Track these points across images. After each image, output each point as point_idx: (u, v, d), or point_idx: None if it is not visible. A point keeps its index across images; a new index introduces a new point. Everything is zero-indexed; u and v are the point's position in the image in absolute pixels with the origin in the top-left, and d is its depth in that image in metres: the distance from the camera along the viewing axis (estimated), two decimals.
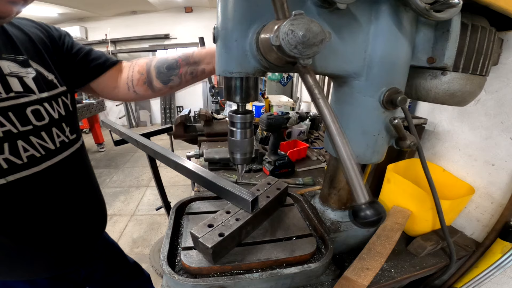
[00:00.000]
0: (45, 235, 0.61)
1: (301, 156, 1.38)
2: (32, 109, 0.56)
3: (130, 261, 1.03)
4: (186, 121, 1.67)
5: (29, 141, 0.55)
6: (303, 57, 0.33)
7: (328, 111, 0.35)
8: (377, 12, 0.47)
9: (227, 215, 0.62)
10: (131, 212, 2.75)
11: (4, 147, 0.51)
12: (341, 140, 0.35)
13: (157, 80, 0.72)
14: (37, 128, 0.57)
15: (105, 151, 4.43)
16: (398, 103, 0.50)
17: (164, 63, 0.71)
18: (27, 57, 0.57)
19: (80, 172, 0.71)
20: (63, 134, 0.63)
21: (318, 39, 0.33)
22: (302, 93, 2.83)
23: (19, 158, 0.53)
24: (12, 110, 0.52)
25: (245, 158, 0.57)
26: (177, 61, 0.70)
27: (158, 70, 0.71)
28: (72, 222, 0.67)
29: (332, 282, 0.63)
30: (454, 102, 0.58)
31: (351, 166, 0.35)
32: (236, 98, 0.48)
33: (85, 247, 0.74)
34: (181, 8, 5.49)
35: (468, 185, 0.81)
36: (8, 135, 0.52)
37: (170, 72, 0.70)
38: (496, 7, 0.48)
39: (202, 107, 4.87)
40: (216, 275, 0.56)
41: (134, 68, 0.74)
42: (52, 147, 0.60)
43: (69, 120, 0.66)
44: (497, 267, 0.75)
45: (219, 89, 2.28)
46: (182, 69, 0.70)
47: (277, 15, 0.35)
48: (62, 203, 0.64)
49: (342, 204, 0.71)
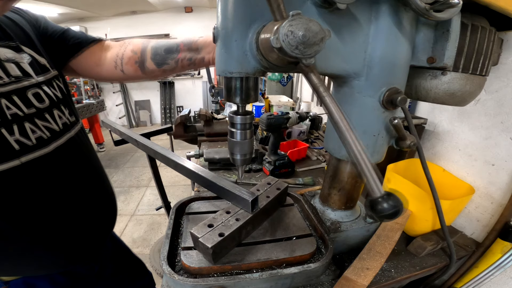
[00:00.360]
0: (59, 223, 0.62)
1: (301, 156, 1.38)
2: (33, 92, 0.57)
3: (136, 259, 1.04)
4: (186, 121, 1.67)
5: (35, 123, 0.56)
6: (305, 57, 0.33)
7: (335, 108, 0.35)
8: (377, 12, 0.47)
9: (227, 215, 0.62)
10: (131, 212, 2.75)
11: (14, 129, 0.52)
12: (351, 136, 0.35)
13: (151, 61, 0.70)
14: (40, 110, 0.58)
15: (105, 151, 4.43)
16: (398, 103, 0.50)
17: (164, 45, 0.70)
18: (18, 43, 0.58)
19: (86, 152, 0.71)
20: (63, 115, 0.64)
21: (318, 37, 0.33)
22: (302, 93, 2.83)
23: (28, 140, 0.54)
24: (16, 94, 0.53)
25: (245, 159, 0.57)
26: (178, 45, 0.68)
27: (154, 51, 0.70)
28: (84, 210, 0.67)
29: (332, 282, 0.63)
30: (454, 102, 0.58)
31: (363, 161, 0.35)
32: (236, 99, 0.48)
33: (97, 239, 0.74)
34: (181, 8, 5.49)
35: (468, 185, 0.81)
36: (16, 118, 0.52)
37: (168, 55, 0.69)
38: (496, 7, 0.48)
39: (202, 107, 4.87)
40: (216, 275, 0.56)
41: (127, 47, 0.73)
42: (57, 128, 0.61)
43: (66, 102, 0.67)
44: (497, 267, 0.75)
45: (219, 89, 2.28)
46: (181, 53, 0.68)
47: (274, 16, 0.35)
48: (74, 186, 0.65)
49: (342, 204, 0.71)
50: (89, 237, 0.70)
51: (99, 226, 0.73)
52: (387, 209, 0.34)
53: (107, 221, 0.78)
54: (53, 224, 0.61)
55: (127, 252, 1.00)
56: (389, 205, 0.34)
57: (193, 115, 2.98)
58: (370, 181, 0.35)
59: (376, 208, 0.35)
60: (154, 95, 6.07)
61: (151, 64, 0.71)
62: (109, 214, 0.78)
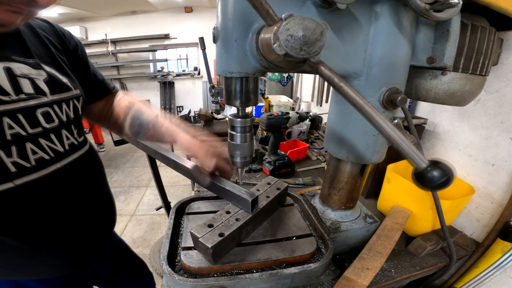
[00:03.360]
0: (55, 236, 0.61)
1: (301, 156, 1.38)
2: (42, 111, 0.56)
3: (136, 258, 1.04)
4: (186, 121, 1.67)
5: (38, 143, 0.55)
6: (311, 55, 0.33)
7: (355, 95, 0.35)
8: (377, 12, 0.47)
9: (227, 215, 0.62)
10: (131, 212, 2.75)
11: (12, 150, 0.51)
12: (379, 116, 0.35)
13: (128, 130, 0.75)
14: (47, 131, 0.57)
15: (105, 151, 4.42)
16: (398, 103, 0.50)
17: (139, 118, 0.73)
18: (38, 60, 0.57)
19: (90, 174, 0.71)
20: (72, 136, 0.64)
21: (318, 33, 0.32)
22: (302, 93, 2.83)
23: (27, 161, 0.53)
24: (22, 112, 0.52)
25: (245, 161, 0.57)
26: (148, 125, 0.72)
27: (132, 123, 0.73)
28: (82, 223, 0.67)
29: (332, 282, 0.63)
30: (454, 102, 0.58)
31: (398, 137, 0.34)
32: (236, 103, 0.48)
33: (95, 246, 0.75)
34: (181, 8, 5.50)
35: (468, 185, 0.81)
36: (17, 138, 0.51)
37: (141, 129, 0.72)
38: (496, 7, 0.48)
39: (202, 107, 4.88)
40: (216, 275, 0.56)
41: (116, 108, 0.77)
42: (61, 149, 0.60)
43: (77, 123, 0.67)
44: (497, 267, 0.75)
45: (219, 89, 2.28)
46: (150, 132, 0.72)
47: (266, 22, 0.35)
48: (71, 205, 0.64)
49: (342, 204, 0.71)
50: (86, 246, 0.71)
51: (96, 236, 0.74)
52: (438, 178, 0.32)
53: (104, 231, 0.78)
54: (50, 237, 0.61)
55: (128, 252, 1.01)
56: (438, 173, 0.32)
57: (193, 115, 2.98)
58: (411, 154, 0.33)
59: (425, 179, 0.33)
60: (154, 95, 6.07)
61: (128, 132, 0.75)
62: (107, 225, 0.79)
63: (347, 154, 0.61)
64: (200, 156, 0.59)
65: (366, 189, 1.03)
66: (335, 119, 0.62)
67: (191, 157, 0.72)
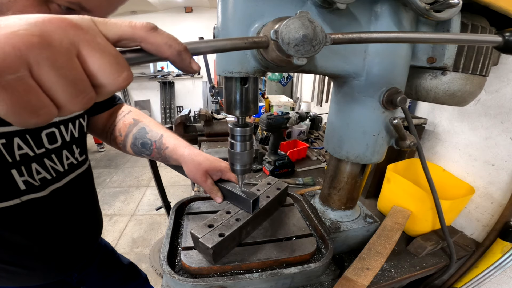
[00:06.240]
0: (45, 248, 0.62)
1: (301, 156, 1.38)
2: (47, 132, 0.57)
3: (124, 262, 1.02)
4: (186, 121, 1.67)
5: (43, 163, 0.56)
6: (325, 42, 0.32)
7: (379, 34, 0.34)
8: (377, 12, 0.47)
9: (227, 215, 0.62)
10: (131, 212, 2.75)
11: (23, 170, 0.52)
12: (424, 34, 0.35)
13: (130, 148, 0.74)
14: (48, 151, 0.57)
15: (105, 151, 4.42)
16: (398, 103, 0.50)
17: (142, 137, 0.72)
18: None
19: (84, 191, 0.72)
20: (72, 156, 0.64)
21: (311, 28, 0.32)
22: (302, 93, 2.83)
23: (34, 180, 0.55)
24: (29, 133, 0.53)
25: (245, 169, 0.57)
26: (151, 145, 0.71)
27: (134, 141, 0.73)
28: (71, 235, 0.68)
29: (332, 282, 0.63)
30: (454, 102, 0.58)
31: (460, 36, 0.34)
32: (236, 112, 0.48)
33: (81, 256, 0.75)
34: (181, 8, 5.49)
35: (468, 185, 0.81)
36: (25, 158, 0.52)
37: (143, 149, 0.72)
38: (496, 7, 0.48)
39: (202, 107, 4.87)
40: (216, 275, 0.56)
41: (118, 124, 0.76)
42: (61, 169, 0.61)
43: (80, 142, 0.67)
44: (497, 267, 0.75)
45: (219, 89, 2.28)
46: (153, 154, 0.72)
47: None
48: (63, 219, 0.65)
49: (342, 204, 0.71)
50: (72, 256, 0.71)
51: (82, 246, 0.75)
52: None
53: (90, 241, 0.79)
54: (38, 249, 0.61)
55: (113, 256, 0.98)
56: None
57: (193, 115, 2.99)
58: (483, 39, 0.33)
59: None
60: (154, 95, 6.06)
61: (130, 150, 0.75)
62: (93, 235, 0.79)
63: (347, 154, 0.61)
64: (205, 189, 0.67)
65: (366, 189, 1.03)
66: (335, 119, 0.62)
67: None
